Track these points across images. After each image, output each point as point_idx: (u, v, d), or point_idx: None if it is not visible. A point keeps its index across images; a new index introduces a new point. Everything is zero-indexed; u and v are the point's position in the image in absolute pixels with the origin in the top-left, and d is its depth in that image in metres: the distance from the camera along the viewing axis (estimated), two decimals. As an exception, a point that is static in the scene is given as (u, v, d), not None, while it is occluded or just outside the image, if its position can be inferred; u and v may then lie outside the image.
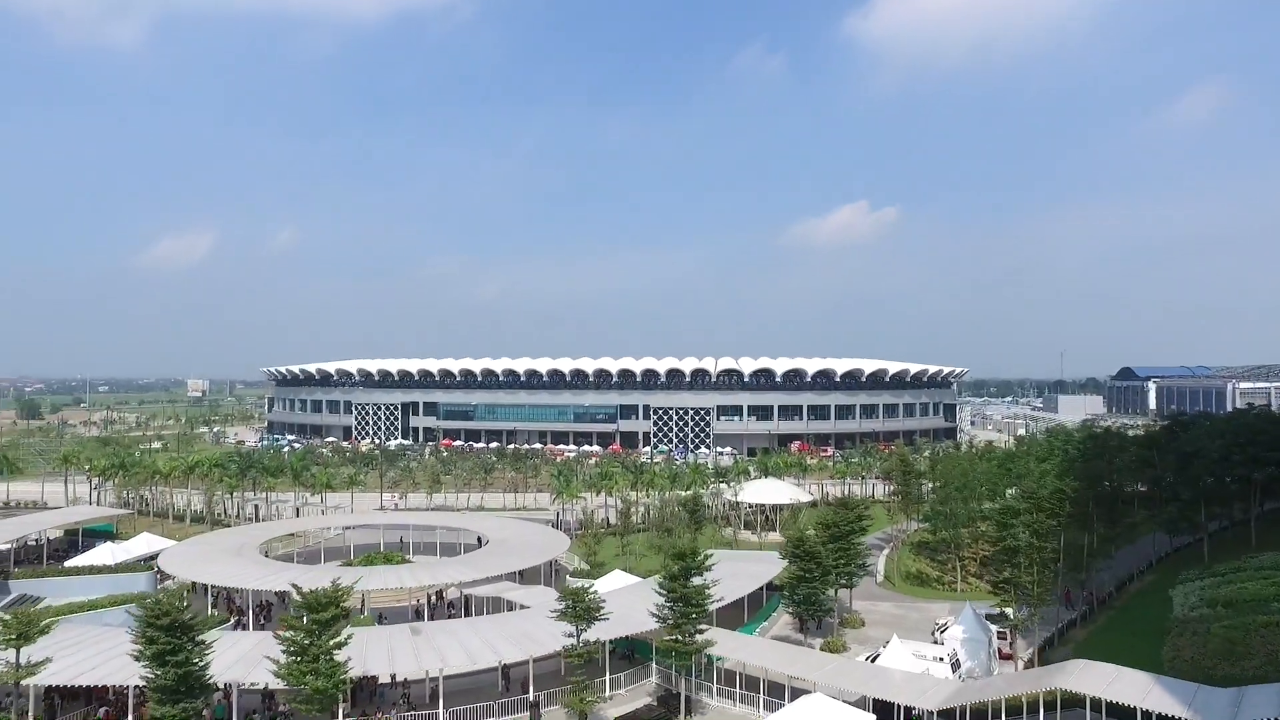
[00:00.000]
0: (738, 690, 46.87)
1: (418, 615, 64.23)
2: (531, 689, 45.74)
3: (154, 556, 77.91)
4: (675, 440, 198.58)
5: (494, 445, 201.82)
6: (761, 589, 62.50)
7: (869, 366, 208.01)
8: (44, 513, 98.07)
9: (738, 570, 63.02)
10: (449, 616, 65.61)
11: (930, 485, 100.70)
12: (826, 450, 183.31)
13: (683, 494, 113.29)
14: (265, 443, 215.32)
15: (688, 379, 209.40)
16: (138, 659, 34.66)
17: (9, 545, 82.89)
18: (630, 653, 50.92)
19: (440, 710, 43.48)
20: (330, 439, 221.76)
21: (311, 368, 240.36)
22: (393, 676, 45.74)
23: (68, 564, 76.43)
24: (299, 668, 34.20)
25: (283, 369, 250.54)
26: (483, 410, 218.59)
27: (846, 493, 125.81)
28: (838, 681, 42.39)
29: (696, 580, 43.30)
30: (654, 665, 48.63)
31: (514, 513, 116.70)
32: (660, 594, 43.61)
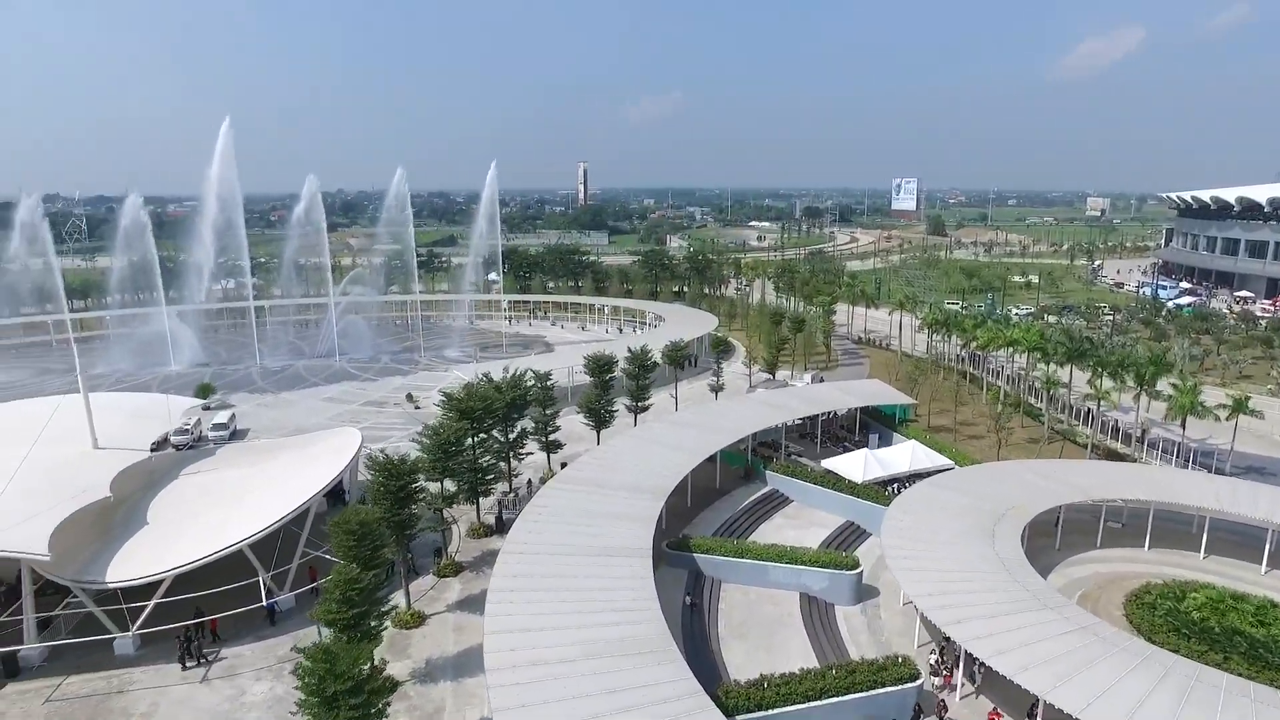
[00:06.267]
0: None
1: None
2: None
3: (912, 479, 59.88)
4: None
5: None
6: None
7: None
8: (832, 385, 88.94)
9: None
10: None
11: None
12: None
13: None
14: (1145, 289, 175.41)
15: None
16: None
17: (818, 414, 74.19)
18: None
19: None
20: (1242, 294, 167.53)
21: (1230, 194, 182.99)
22: None
23: (828, 462, 64.03)
24: None
25: (1188, 195, 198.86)
26: None
27: None
28: None
29: None
30: None
31: None
32: None
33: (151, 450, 58.41)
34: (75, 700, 38.93)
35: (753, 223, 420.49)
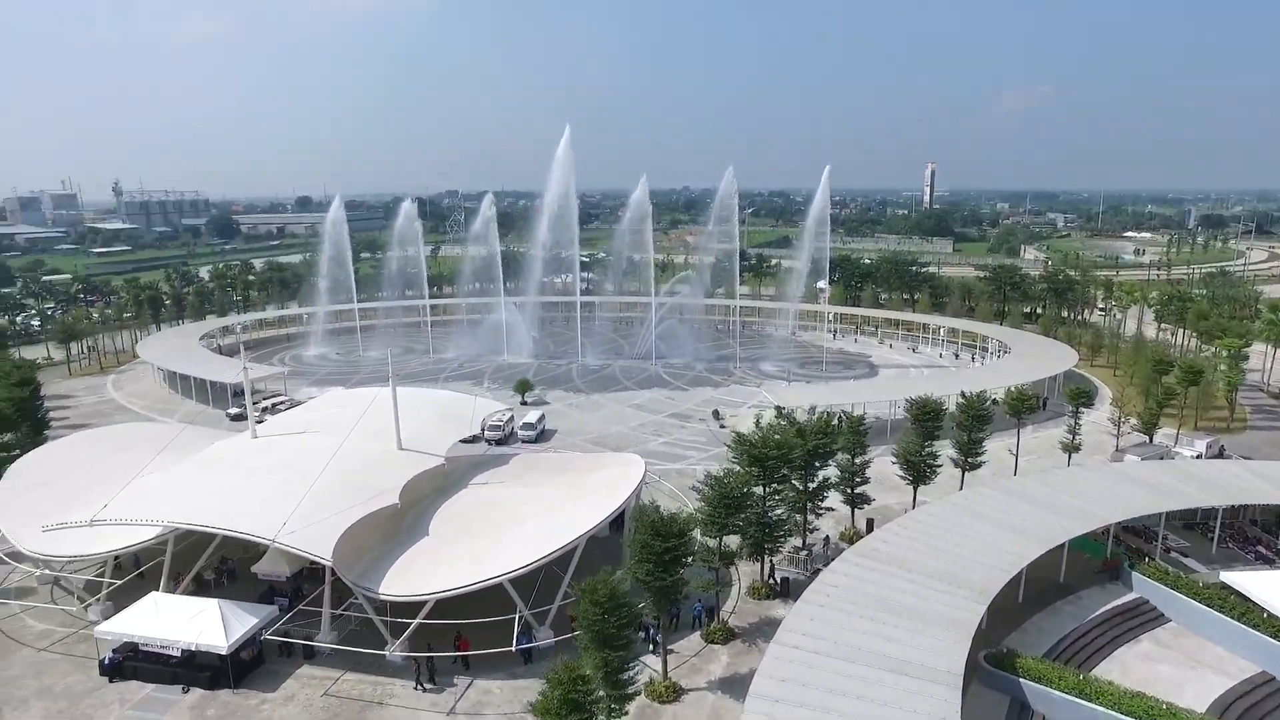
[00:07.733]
0: None
1: None
2: None
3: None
4: None
5: None
6: None
7: None
8: (1240, 463, 68.22)
9: None
10: None
11: None
12: None
13: None
14: None
15: None
16: None
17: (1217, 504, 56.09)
18: None
19: None
20: None
21: None
22: None
23: (1231, 576, 47.91)
24: None
25: None
26: None
27: None
28: None
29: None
30: None
31: None
32: None
33: (463, 442, 60.65)
34: (345, 700, 39.46)
35: (1129, 233, 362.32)
